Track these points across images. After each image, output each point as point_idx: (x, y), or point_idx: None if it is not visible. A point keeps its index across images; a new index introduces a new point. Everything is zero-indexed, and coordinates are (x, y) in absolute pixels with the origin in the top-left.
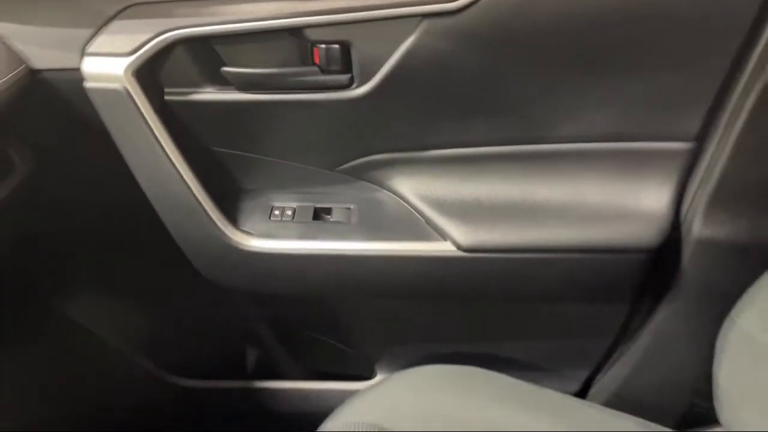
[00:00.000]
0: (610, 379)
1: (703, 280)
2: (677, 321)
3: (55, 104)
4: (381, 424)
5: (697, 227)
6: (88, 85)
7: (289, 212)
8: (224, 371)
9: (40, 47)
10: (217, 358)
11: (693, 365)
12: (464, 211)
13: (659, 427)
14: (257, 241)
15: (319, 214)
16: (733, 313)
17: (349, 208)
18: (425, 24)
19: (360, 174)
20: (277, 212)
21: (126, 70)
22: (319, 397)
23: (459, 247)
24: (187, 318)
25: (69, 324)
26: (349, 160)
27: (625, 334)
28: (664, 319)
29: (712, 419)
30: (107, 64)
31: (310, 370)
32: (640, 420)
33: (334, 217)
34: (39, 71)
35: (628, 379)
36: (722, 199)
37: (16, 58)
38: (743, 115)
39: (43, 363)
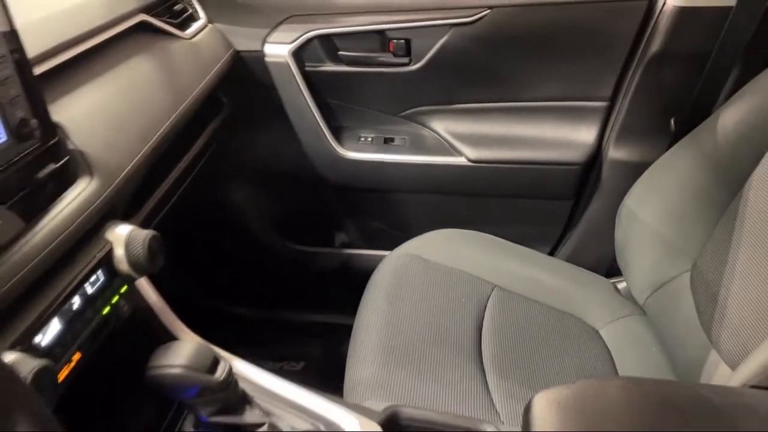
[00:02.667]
0: (562, 254)
1: (615, 184)
2: (601, 211)
3: (247, 71)
4: (419, 255)
5: (610, 152)
6: (267, 59)
7: (370, 139)
8: (320, 241)
9: (242, 38)
10: (316, 233)
11: (612, 242)
12: (472, 140)
13: (589, 272)
14: (352, 153)
15: (387, 141)
16: (625, 197)
17: (404, 138)
18: (452, 30)
19: (412, 118)
20: (362, 139)
21: (288, 52)
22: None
23: (469, 160)
24: (299, 206)
25: (232, 206)
26: (406, 110)
27: (570, 222)
28: (593, 211)
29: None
30: (278, 49)
31: (373, 246)
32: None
33: (395, 143)
34: (240, 52)
35: (574, 253)
36: (624, 135)
37: (228, 44)
38: (633, 87)
39: (217, 230)
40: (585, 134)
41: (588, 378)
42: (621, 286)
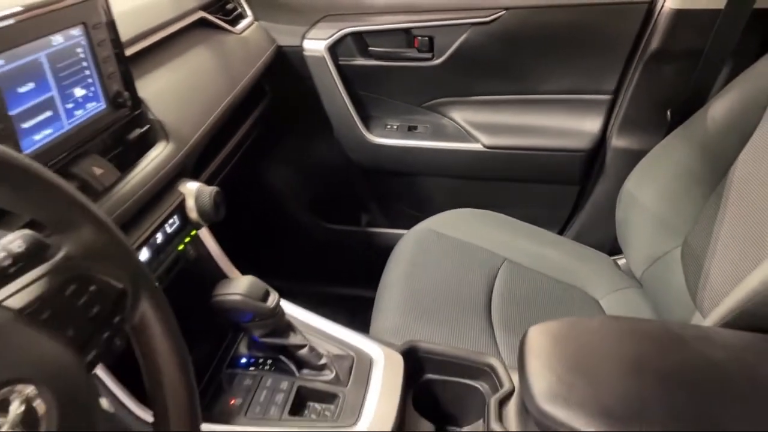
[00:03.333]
0: (569, 234)
1: (617, 170)
2: (605, 194)
3: (288, 63)
4: (438, 230)
5: (613, 141)
6: (305, 53)
7: (395, 127)
8: (348, 220)
9: (283, 35)
10: (344, 213)
11: (614, 222)
12: (488, 128)
13: (592, 249)
14: (379, 139)
15: (410, 128)
16: (625, 181)
17: (427, 126)
18: (471, 29)
19: (433, 108)
20: (389, 126)
21: (324, 47)
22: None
23: (484, 146)
24: (329, 187)
25: (270, 186)
26: (428, 101)
27: (577, 205)
28: (597, 194)
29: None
30: (315, 44)
31: (395, 225)
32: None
33: (418, 130)
34: (281, 47)
35: (579, 233)
36: (625, 125)
37: (272, 40)
38: (634, 81)
39: (255, 207)
40: (590, 124)
41: None
42: (621, 262)
